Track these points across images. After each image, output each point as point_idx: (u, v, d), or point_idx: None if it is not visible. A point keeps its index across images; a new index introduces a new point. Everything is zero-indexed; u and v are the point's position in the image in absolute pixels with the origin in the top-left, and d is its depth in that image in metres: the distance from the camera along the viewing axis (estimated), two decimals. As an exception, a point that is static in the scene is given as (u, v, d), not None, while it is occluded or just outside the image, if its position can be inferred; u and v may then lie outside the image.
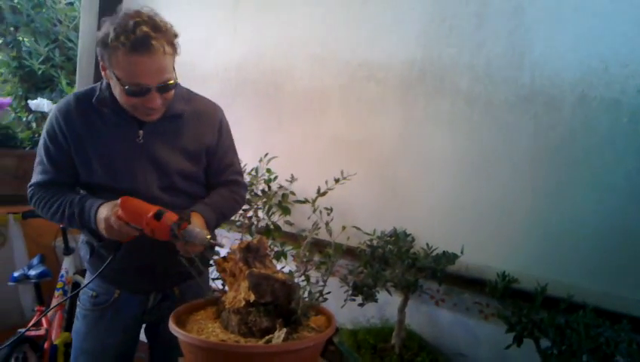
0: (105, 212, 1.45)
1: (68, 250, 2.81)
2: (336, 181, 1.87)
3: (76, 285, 2.93)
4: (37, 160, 1.61)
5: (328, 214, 1.76)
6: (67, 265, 2.78)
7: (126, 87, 1.42)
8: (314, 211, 1.89)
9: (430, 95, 2.08)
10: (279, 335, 1.24)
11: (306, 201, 2.10)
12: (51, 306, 2.54)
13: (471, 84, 1.97)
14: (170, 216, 1.41)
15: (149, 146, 1.57)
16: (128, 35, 1.36)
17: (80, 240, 1.73)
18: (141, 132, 1.55)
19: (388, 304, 1.92)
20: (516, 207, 1.86)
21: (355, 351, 1.84)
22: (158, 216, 1.39)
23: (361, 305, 1.78)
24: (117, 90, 1.47)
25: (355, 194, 2.19)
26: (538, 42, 1.81)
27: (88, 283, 1.62)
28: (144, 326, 1.80)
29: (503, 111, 1.89)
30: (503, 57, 1.89)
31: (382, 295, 1.81)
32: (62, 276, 2.74)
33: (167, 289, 1.71)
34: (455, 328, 1.98)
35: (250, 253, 1.38)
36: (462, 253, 1.79)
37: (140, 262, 1.62)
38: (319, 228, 1.44)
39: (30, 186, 1.61)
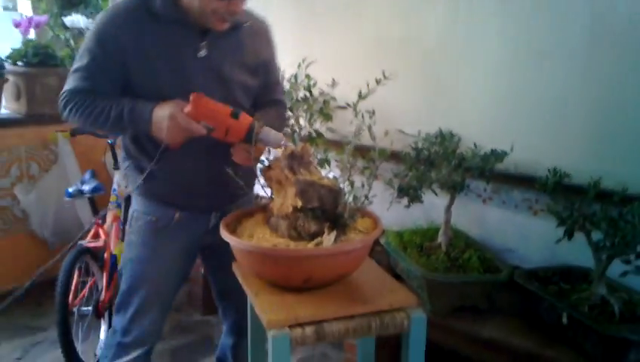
0: (168, 109, 1.42)
1: (117, 165, 2.91)
2: (378, 82, 1.83)
3: (129, 197, 3.08)
4: (76, 65, 1.51)
5: (370, 117, 1.75)
6: (118, 178, 2.91)
7: None
8: (355, 115, 1.88)
9: (477, -18, 1.96)
10: (329, 238, 1.29)
11: (347, 107, 2.09)
12: (106, 219, 2.70)
13: (522, -34, 1.84)
14: (247, 117, 1.43)
15: (212, 60, 1.52)
16: None
17: (124, 166, 1.66)
18: (203, 44, 1.50)
19: (434, 206, 1.94)
20: (570, 99, 1.80)
21: (402, 250, 1.91)
22: (235, 115, 1.41)
23: (407, 206, 1.81)
24: None
25: (399, 96, 2.16)
26: None
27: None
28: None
29: (557, -5, 1.78)
30: None
31: (428, 197, 1.84)
32: (114, 189, 2.86)
33: (226, 206, 1.66)
34: (503, 225, 2.01)
35: (294, 161, 1.40)
36: (511, 150, 1.77)
37: (199, 177, 1.58)
38: (362, 131, 1.44)
39: (64, 92, 1.52)
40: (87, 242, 2.55)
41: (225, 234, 1.37)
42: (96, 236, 2.63)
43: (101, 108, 1.47)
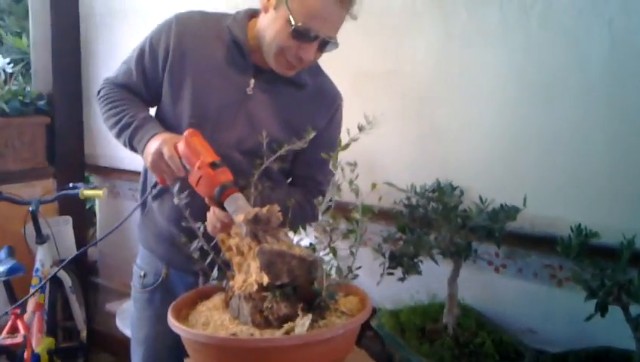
0: (162, 138, 1.53)
1: (41, 238, 2.86)
2: (360, 129, 1.84)
3: (55, 279, 3.00)
4: (126, 58, 1.75)
5: (352, 171, 1.76)
6: (42, 255, 2.85)
7: (294, 25, 1.48)
8: (334, 168, 1.88)
9: (474, 3, 2.03)
10: (302, 323, 1.25)
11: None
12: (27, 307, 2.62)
13: (525, -14, 1.91)
14: (226, 174, 1.45)
15: (255, 102, 1.65)
16: None
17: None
18: (252, 81, 1.64)
19: (435, 275, 1.92)
20: (591, 141, 1.83)
21: (399, 335, 1.86)
22: (214, 165, 1.44)
23: (401, 279, 1.78)
24: (276, 25, 1.53)
25: (386, 141, 2.17)
26: None
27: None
28: None
29: (569, 18, 1.84)
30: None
31: (427, 265, 1.81)
32: (37, 270, 2.80)
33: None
34: (521, 299, 1.99)
35: (259, 226, 1.37)
36: (524, 204, 1.77)
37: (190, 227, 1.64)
38: (340, 187, 1.43)
39: (106, 79, 1.77)
40: (2, 339, 2.46)
41: (172, 323, 1.32)
42: (14, 330, 2.54)
43: (119, 110, 1.66)
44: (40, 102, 3.35)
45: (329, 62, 2.38)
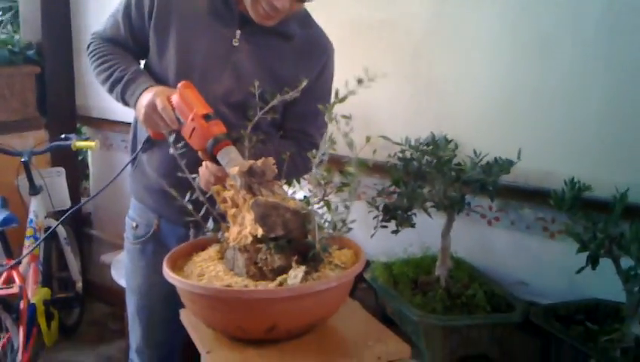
0: (155, 90, 1.53)
1: (34, 189, 2.86)
2: (360, 82, 1.83)
3: (50, 230, 3.01)
4: (113, 11, 1.73)
5: (347, 123, 1.75)
6: (35, 206, 2.85)
7: None
8: (330, 121, 1.87)
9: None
10: (295, 274, 1.26)
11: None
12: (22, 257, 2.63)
13: None
14: (220, 126, 1.46)
15: (241, 53, 1.63)
16: None
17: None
18: (239, 32, 1.62)
19: (429, 228, 1.93)
20: (587, 96, 1.82)
21: (392, 286, 1.88)
22: (207, 117, 1.45)
23: (395, 232, 1.79)
24: None
25: (380, 95, 2.15)
26: None
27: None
28: None
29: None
30: None
31: (420, 218, 1.83)
32: (31, 221, 2.81)
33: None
34: (514, 251, 2.01)
35: (254, 178, 1.37)
36: (519, 158, 1.78)
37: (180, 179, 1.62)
38: (334, 140, 1.42)
39: (94, 33, 1.77)
40: (-2, 289, 2.48)
41: (167, 273, 1.33)
42: (9, 281, 2.56)
43: (110, 65, 1.67)
44: (29, 51, 3.29)
45: (317, 11, 2.36)
